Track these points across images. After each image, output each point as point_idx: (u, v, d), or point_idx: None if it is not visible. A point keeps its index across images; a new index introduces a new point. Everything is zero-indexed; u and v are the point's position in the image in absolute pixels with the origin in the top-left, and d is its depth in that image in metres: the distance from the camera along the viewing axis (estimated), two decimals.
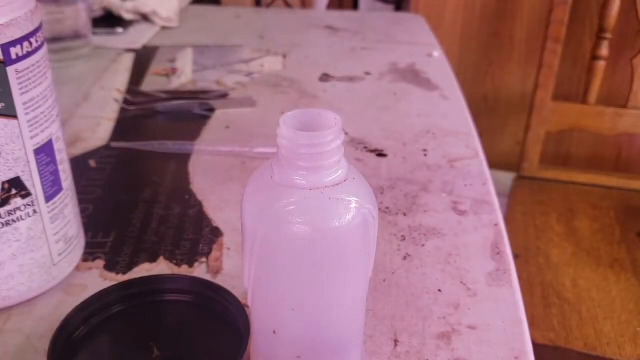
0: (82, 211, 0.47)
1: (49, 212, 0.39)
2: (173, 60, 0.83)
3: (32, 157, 0.37)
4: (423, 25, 1.00)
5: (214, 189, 0.54)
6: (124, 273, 0.44)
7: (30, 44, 0.36)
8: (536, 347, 0.38)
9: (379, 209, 0.51)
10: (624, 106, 1.21)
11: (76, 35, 0.81)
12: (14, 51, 0.35)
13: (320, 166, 0.27)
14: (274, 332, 0.29)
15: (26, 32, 0.35)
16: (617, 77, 1.47)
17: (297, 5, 1.64)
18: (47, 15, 0.78)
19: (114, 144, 0.61)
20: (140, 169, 0.59)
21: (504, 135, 1.76)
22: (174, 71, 0.79)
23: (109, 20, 0.93)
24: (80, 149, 0.61)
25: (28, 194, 0.38)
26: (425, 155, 0.60)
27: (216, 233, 0.48)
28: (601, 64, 1.21)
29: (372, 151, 0.61)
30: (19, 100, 0.35)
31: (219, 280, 0.43)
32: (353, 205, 0.27)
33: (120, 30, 0.92)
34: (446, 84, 0.77)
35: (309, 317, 0.29)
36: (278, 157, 0.28)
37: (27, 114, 0.36)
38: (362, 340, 0.34)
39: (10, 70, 0.35)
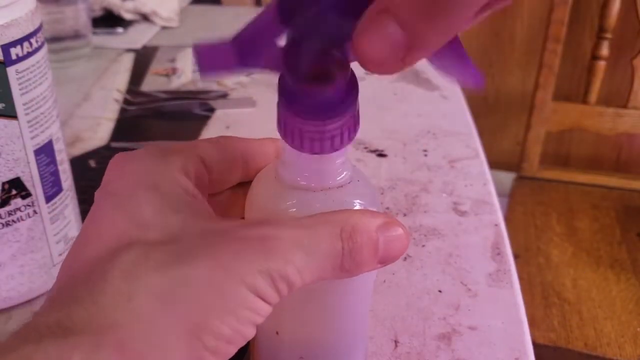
0: (82, 212, 0.47)
1: (49, 213, 0.39)
2: (173, 60, 0.83)
3: (32, 158, 0.37)
4: None
5: None
6: None
7: (31, 44, 0.36)
8: (536, 347, 0.38)
9: None
10: (624, 106, 1.21)
11: (76, 35, 0.81)
12: (14, 51, 0.35)
13: (324, 168, 0.27)
14: (277, 332, 0.29)
15: (26, 32, 0.35)
16: (617, 77, 1.48)
17: None
18: (47, 15, 0.78)
19: (114, 144, 0.61)
20: None
21: (504, 135, 1.76)
22: (174, 71, 0.79)
23: (109, 20, 0.93)
24: (80, 149, 0.61)
25: (28, 195, 0.38)
26: (426, 155, 0.60)
27: None
28: (601, 64, 1.21)
29: (372, 151, 0.61)
30: (19, 101, 0.35)
31: None
32: (357, 207, 0.27)
33: (120, 30, 0.92)
34: (446, 84, 0.77)
35: (312, 319, 0.29)
36: (281, 157, 0.27)
37: (27, 114, 0.36)
38: (366, 342, 0.34)
39: (11, 70, 0.35)
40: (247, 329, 0.22)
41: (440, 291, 0.42)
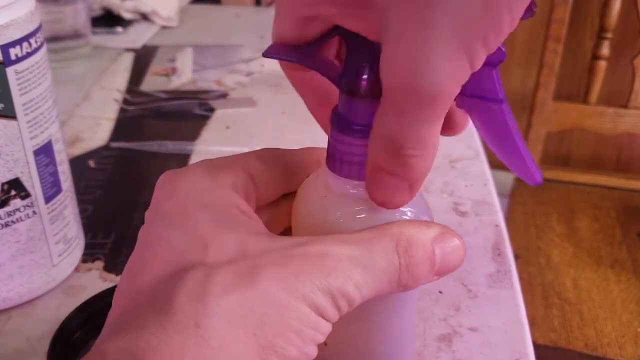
0: (82, 212, 0.47)
1: (49, 213, 0.39)
2: (173, 60, 0.83)
3: (31, 158, 0.37)
4: None
5: None
6: None
7: (30, 44, 0.36)
8: (537, 347, 0.38)
9: None
10: (625, 106, 1.21)
11: (76, 35, 0.81)
12: (14, 52, 0.34)
13: None
14: (325, 344, 0.28)
15: (26, 32, 0.35)
16: (618, 77, 1.47)
17: None
18: (46, 15, 0.78)
19: (114, 144, 0.61)
20: (140, 169, 0.58)
21: None
22: (174, 71, 0.79)
23: (108, 20, 0.93)
24: (80, 149, 0.61)
25: (27, 195, 0.37)
26: None
27: None
28: (602, 64, 1.21)
29: None
30: (18, 101, 0.35)
31: None
32: (408, 215, 0.26)
33: (120, 29, 0.92)
34: None
35: (362, 330, 0.28)
36: (332, 164, 0.27)
37: (26, 114, 0.36)
38: (414, 352, 0.33)
39: (10, 70, 0.34)
40: (310, 349, 0.22)
41: (440, 292, 0.42)
